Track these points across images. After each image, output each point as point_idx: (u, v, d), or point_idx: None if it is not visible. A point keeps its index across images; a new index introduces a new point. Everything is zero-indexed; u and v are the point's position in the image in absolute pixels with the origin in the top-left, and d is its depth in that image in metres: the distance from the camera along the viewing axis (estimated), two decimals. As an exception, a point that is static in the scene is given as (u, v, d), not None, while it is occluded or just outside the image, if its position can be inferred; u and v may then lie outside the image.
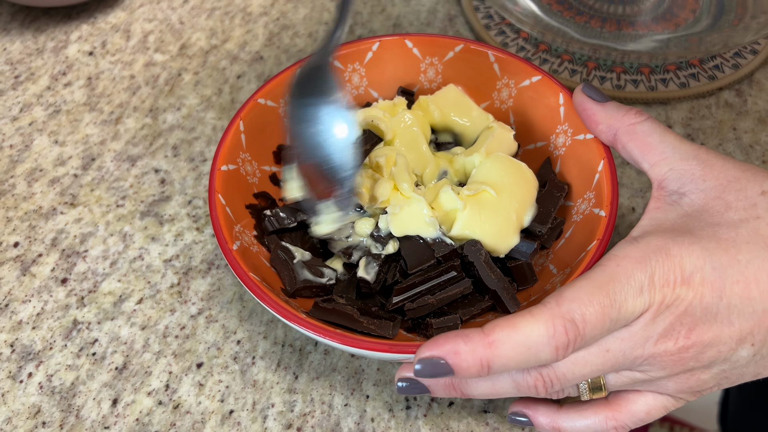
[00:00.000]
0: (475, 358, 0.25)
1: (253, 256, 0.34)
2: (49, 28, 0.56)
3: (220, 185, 0.35)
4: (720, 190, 0.28)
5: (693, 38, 0.49)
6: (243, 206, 0.37)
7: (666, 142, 0.31)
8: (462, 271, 0.33)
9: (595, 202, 0.34)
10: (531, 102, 0.40)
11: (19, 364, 0.37)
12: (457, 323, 0.32)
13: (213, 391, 0.36)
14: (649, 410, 0.29)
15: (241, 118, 0.38)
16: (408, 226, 0.34)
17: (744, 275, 0.26)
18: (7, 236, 0.42)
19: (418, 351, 0.26)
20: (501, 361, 0.25)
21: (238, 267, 0.31)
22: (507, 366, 0.25)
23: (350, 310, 0.32)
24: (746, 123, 0.47)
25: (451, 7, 0.56)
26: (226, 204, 0.35)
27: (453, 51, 0.42)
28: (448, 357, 0.25)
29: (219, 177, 0.35)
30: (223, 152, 0.36)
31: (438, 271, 0.33)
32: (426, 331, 0.32)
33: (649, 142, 0.31)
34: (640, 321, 0.26)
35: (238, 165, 0.37)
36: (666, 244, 0.26)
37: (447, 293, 0.32)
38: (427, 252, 0.33)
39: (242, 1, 0.57)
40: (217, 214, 0.33)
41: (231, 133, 0.37)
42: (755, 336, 0.26)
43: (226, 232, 0.33)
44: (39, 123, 0.49)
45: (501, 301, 0.32)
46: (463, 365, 0.25)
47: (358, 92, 0.43)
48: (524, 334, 0.25)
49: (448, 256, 0.33)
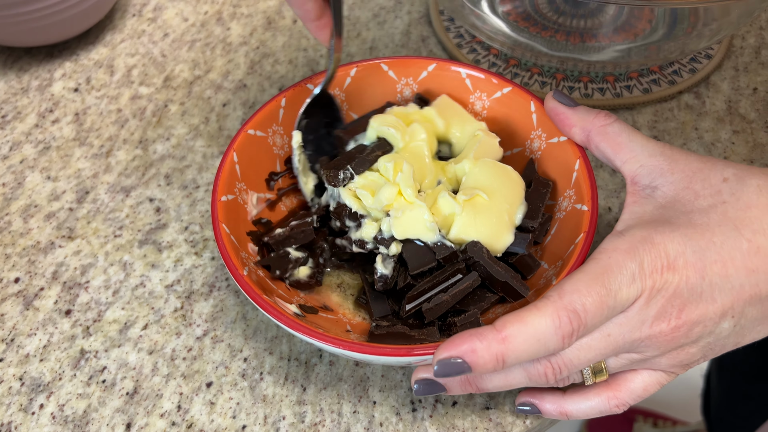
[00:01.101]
0: (491, 354, 0.27)
1: (261, 280, 0.36)
2: (32, 67, 0.57)
3: (222, 215, 0.36)
4: (687, 182, 0.31)
5: (652, 47, 0.53)
6: (244, 233, 0.38)
7: (634, 141, 0.33)
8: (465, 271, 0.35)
9: (575, 199, 0.37)
10: (504, 112, 0.43)
11: (30, 396, 0.38)
12: (478, 317, 0.34)
13: (224, 408, 0.37)
14: (645, 386, 0.32)
15: (234, 149, 0.39)
16: (409, 229, 0.36)
17: (720, 255, 0.28)
18: (7, 272, 0.43)
19: (436, 353, 0.28)
20: (514, 354, 0.27)
21: (251, 291, 0.33)
22: (520, 358, 0.28)
23: (401, 329, 0.34)
24: (706, 123, 0.50)
25: (423, 29, 0.59)
26: (231, 232, 0.36)
27: (426, 71, 0.44)
28: (466, 356, 0.27)
29: (220, 207, 0.37)
30: (221, 183, 0.38)
31: (445, 275, 0.35)
32: (450, 331, 0.34)
33: (620, 141, 0.34)
34: (635, 306, 0.28)
35: (235, 194, 0.39)
36: (649, 234, 0.29)
37: (459, 288, 0.35)
38: (428, 254, 0.35)
39: (221, 32, 0.59)
40: (224, 243, 0.35)
41: (226, 165, 0.39)
42: (735, 309, 0.29)
43: (235, 259, 0.34)
44: (30, 160, 0.50)
45: (512, 289, 0.35)
46: (480, 362, 0.27)
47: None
48: (533, 327, 0.27)
49: (448, 258, 0.35)
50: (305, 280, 0.38)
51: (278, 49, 0.57)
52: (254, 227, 0.40)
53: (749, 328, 0.30)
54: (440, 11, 0.60)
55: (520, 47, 0.53)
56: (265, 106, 0.41)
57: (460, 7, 0.53)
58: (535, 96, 0.41)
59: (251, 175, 0.40)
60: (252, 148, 0.40)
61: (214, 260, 0.43)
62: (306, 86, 0.42)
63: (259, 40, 0.58)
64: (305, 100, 0.42)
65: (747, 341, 0.30)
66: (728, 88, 0.53)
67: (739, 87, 0.53)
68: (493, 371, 0.28)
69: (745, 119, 0.50)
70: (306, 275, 0.38)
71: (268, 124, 0.41)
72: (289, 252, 0.38)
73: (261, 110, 0.41)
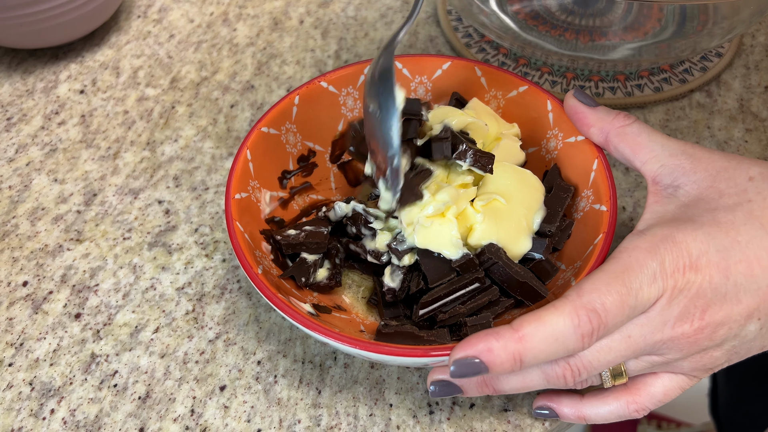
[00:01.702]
0: (508, 354, 0.27)
1: (275, 279, 0.35)
2: (37, 69, 0.56)
3: (236, 213, 0.36)
4: (711, 180, 0.30)
5: (662, 45, 0.53)
6: (258, 232, 0.38)
7: (655, 140, 0.33)
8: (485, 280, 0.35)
9: (594, 199, 0.36)
10: (520, 111, 0.42)
11: (40, 402, 0.37)
12: (490, 321, 0.33)
13: (238, 412, 0.36)
14: (666, 391, 0.31)
15: (248, 147, 0.39)
16: (434, 241, 0.35)
17: (745, 254, 0.28)
18: (15, 276, 0.43)
19: (452, 353, 0.28)
20: (532, 353, 0.27)
21: (266, 290, 0.32)
22: (538, 358, 0.27)
23: (410, 329, 0.33)
24: (719, 121, 0.50)
25: (431, 29, 0.59)
26: (244, 231, 0.36)
27: (441, 69, 0.44)
28: (482, 355, 0.27)
29: (234, 205, 0.36)
30: (234, 181, 0.37)
31: (462, 283, 0.34)
32: (460, 332, 0.33)
33: (639, 141, 0.33)
34: (657, 306, 0.28)
35: (249, 192, 0.38)
36: (671, 232, 0.28)
37: (476, 302, 0.34)
38: (446, 266, 0.35)
39: (228, 33, 0.59)
40: (239, 241, 0.34)
41: (240, 162, 0.38)
42: (761, 311, 0.28)
43: (249, 258, 0.34)
44: (36, 163, 0.49)
45: (531, 290, 0.34)
46: (497, 362, 0.27)
47: (352, 114, 0.45)
48: (551, 326, 0.27)
49: (465, 266, 0.35)
50: (325, 282, 0.38)
51: (285, 50, 0.57)
52: (267, 226, 0.39)
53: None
54: (448, 11, 0.60)
55: (529, 46, 0.53)
56: (279, 104, 0.41)
57: (469, 6, 0.53)
58: (552, 95, 0.40)
59: (264, 173, 0.40)
60: (265, 145, 0.40)
61: (225, 262, 0.43)
62: (319, 84, 0.42)
63: (265, 40, 0.58)
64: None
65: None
66: (740, 87, 0.52)
67: (751, 85, 0.52)
68: (510, 371, 0.27)
69: (757, 117, 0.50)
70: (325, 277, 0.38)
71: (282, 122, 0.41)
72: (306, 257, 0.37)
73: (274, 108, 0.41)
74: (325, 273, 0.38)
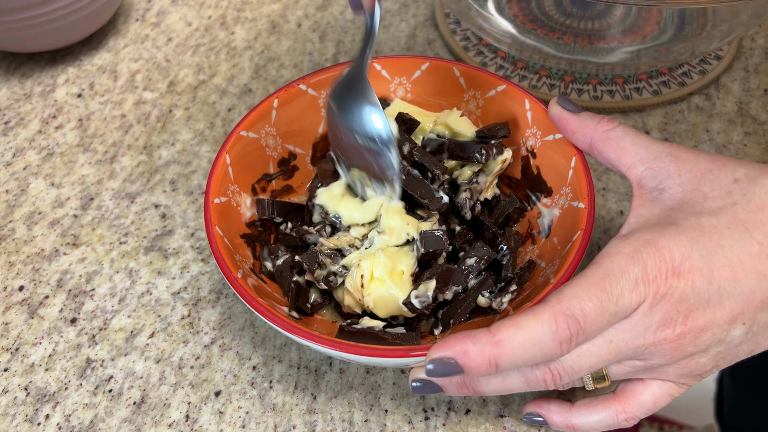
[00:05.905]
0: (484, 357, 0.27)
1: (256, 282, 0.35)
2: (35, 73, 0.56)
3: (215, 218, 0.36)
4: (696, 183, 0.30)
5: (661, 48, 0.52)
6: (238, 236, 0.38)
7: (639, 144, 0.32)
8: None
9: (572, 196, 0.36)
10: (499, 110, 0.42)
11: (35, 407, 0.37)
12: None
13: (233, 417, 0.36)
14: (655, 399, 0.31)
15: (227, 151, 0.39)
16: (389, 308, 0.36)
17: (729, 259, 0.27)
18: (11, 280, 0.42)
19: (429, 352, 0.28)
20: (508, 358, 0.27)
21: (246, 294, 0.32)
22: (514, 363, 0.27)
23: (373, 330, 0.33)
24: (717, 124, 0.50)
25: (429, 32, 0.58)
26: (224, 235, 0.36)
27: (420, 69, 0.44)
28: (458, 357, 0.27)
29: (213, 210, 0.36)
30: (213, 186, 0.37)
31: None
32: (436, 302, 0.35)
33: (623, 145, 0.33)
34: (639, 312, 0.27)
35: (228, 197, 0.38)
36: (654, 237, 0.28)
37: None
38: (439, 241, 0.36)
39: (226, 37, 0.59)
40: (218, 246, 0.34)
41: (219, 166, 0.38)
42: (745, 315, 0.28)
43: (228, 262, 0.34)
44: (33, 167, 0.49)
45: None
46: (472, 364, 0.27)
47: None
48: (529, 331, 0.26)
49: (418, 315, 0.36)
50: (319, 300, 0.38)
51: (283, 53, 0.57)
52: (248, 230, 0.39)
53: (763, 335, 0.29)
54: (446, 14, 0.60)
55: (527, 49, 0.53)
56: (258, 107, 0.40)
57: (467, 9, 0.53)
58: (530, 94, 0.40)
59: (244, 177, 0.40)
60: (245, 149, 0.40)
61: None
62: (298, 87, 0.42)
63: (263, 44, 0.58)
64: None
65: (762, 349, 0.29)
66: (739, 90, 0.52)
67: (750, 88, 0.52)
68: (486, 374, 0.27)
69: (756, 121, 0.50)
70: (318, 296, 0.38)
71: (261, 125, 0.41)
72: (299, 281, 0.38)
73: (253, 111, 0.40)
74: (317, 291, 0.38)
